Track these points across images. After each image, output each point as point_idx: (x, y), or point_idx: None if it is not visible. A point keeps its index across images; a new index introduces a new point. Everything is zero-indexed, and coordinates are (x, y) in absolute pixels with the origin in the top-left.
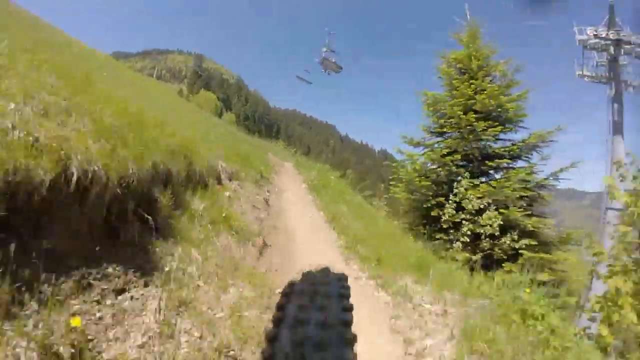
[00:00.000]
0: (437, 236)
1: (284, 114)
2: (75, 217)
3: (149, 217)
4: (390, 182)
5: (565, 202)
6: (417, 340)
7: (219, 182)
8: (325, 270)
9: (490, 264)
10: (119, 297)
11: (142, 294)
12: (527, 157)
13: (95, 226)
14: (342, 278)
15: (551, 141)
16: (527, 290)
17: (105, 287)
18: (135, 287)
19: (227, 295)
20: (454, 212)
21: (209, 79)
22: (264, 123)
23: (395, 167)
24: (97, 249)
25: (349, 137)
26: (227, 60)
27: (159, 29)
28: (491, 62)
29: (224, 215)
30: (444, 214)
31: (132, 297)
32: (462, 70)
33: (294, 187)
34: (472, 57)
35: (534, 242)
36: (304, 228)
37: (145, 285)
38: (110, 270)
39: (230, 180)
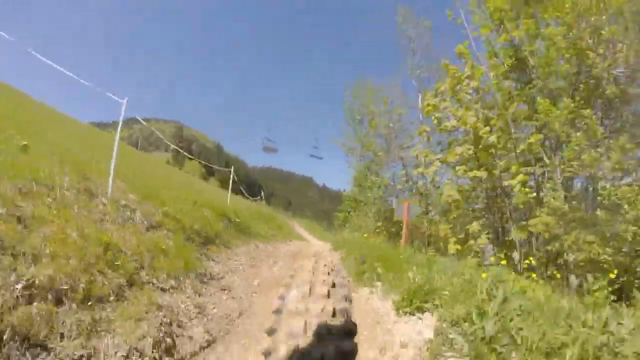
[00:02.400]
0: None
1: (262, 172)
2: None
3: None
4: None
5: None
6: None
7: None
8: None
9: None
10: None
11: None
12: None
13: None
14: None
15: None
16: None
17: None
18: None
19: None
20: None
21: (190, 148)
22: (245, 184)
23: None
24: None
25: (326, 187)
26: (205, 127)
27: (134, 98)
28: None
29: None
30: None
31: None
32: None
33: (301, 231)
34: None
35: None
36: (312, 238)
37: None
38: None
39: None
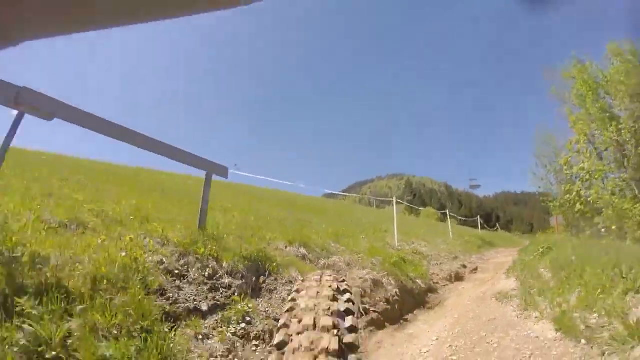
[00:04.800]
0: None
1: (496, 199)
2: None
3: None
4: None
5: None
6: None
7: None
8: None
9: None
10: None
11: None
12: None
13: None
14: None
15: None
16: None
17: None
18: None
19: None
20: None
21: (420, 195)
22: (481, 217)
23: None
24: None
25: None
26: (429, 172)
27: (352, 166)
28: None
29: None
30: None
31: None
32: None
33: None
34: None
35: None
36: None
37: None
38: None
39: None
